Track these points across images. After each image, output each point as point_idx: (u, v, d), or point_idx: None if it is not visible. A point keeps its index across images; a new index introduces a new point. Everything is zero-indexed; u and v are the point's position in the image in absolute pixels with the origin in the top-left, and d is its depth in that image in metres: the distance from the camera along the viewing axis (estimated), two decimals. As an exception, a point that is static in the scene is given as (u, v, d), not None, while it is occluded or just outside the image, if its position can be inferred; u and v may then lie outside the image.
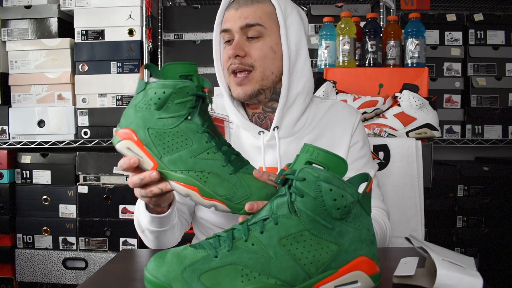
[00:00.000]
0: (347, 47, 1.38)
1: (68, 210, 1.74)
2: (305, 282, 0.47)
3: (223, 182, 0.58)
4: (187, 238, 0.99)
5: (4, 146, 1.77)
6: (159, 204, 0.68)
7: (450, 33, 1.89)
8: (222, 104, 0.91)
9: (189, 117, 0.60)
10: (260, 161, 0.84)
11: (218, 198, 0.58)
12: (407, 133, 1.26)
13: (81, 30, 1.75)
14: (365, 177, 0.51)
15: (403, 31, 1.47)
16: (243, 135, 0.87)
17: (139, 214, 0.77)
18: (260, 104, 0.88)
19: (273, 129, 0.84)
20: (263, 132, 0.85)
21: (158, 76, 0.64)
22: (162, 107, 0.59)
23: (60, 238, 1.75)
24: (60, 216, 1.74)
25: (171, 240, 0.83)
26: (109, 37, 1.75)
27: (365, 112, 1.25)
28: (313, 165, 0.50)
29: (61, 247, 1.75)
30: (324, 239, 0.48)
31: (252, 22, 0.82)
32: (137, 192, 0.64)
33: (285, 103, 0.84)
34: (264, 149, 0.84)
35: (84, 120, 1.76)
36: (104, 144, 1.75)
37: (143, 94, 0.60)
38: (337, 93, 1.31)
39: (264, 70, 0.83)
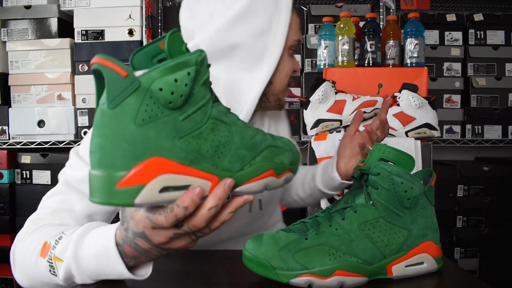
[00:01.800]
0: (346, 47, 1.38)
1: (68, 210, 1.74)
2: (381, 262, 0.55)
3: (278, 150, 0.50)
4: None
5: (4, 146, 1.77)
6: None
7: (450, 33, 1.89)
8: None
9: (212, 99, 0.44)
10: None
11: (287, 168, 0.50)
12: (406, 133, 1.26)
13: (81, 30, 1.75)
14: (428, 173, 0.59)
15: (402, 31, 1.47)
16: None
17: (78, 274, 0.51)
18: None
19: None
20: None
21: (141, 63, 0.44)
22: (188, 100, 0.40)
23: (60, 238, 1.75)
24: (60, 216, 1.74)
25: None
26: (109, 37, 1.75)
27: (364, 112, 1.25)
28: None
29: (61, 247, 1.75)
30: (396, 225, 0.55)
31: None
32: (203, 218, 0.43)
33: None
34: None
35: (84, 120, 1.76)
36: (104, 144, 1.75)
37: (137, 98, 0.38)
38: (336, 93, 1.31)
39: None
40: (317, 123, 1.29)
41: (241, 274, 0.58)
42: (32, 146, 1.77)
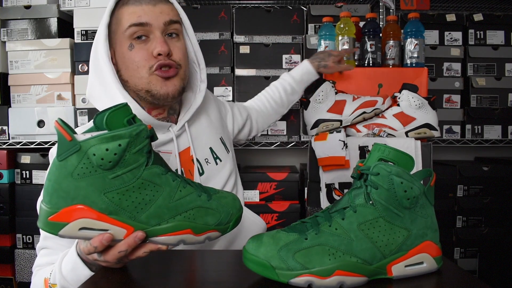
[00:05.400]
0: (346, 47, 1.38)
1: (67, 210, 1.74)
2: (381, 262, 0.55)
3: (208, 211, 0.57)
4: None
5: (4, 146, 1.77)
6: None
7: (449, 33, 1.89)
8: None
9: (149, 163, 0.54)
10: (173, 150, 0.88)
11: (210, 228, 0.57)
12: (406, 133, 1.26)
13: (81, 30, 1.75)
14: (428, 173, 0.59)
15: (402, 31, 1.46)
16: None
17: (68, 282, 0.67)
18: (167, 107, 0.89)
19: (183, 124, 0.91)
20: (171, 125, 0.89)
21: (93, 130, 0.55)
22: (117, 164, 0.52)
23: (60, 238, 1.75)
24: (59, 216, 1.74)
25: None
26: (108, 37, 1.74)
27: (364, 112, 1.25)
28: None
29: (60, 247, 1.75)
30: (396, 225, 0.55)
31: (174, 19, 0.83)
32: (113, 257, 0.57)
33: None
34: (176, 139, 0.88)
35: (83, 120, 1.76)
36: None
37: (77, 157, 0.51)
38: (336, 93, 1.31)
39: (186, 69, 0.86)
40: (317, 123, 1.29)
41: (241, 274, 0.58)
42: (32, 146, 1.77)
